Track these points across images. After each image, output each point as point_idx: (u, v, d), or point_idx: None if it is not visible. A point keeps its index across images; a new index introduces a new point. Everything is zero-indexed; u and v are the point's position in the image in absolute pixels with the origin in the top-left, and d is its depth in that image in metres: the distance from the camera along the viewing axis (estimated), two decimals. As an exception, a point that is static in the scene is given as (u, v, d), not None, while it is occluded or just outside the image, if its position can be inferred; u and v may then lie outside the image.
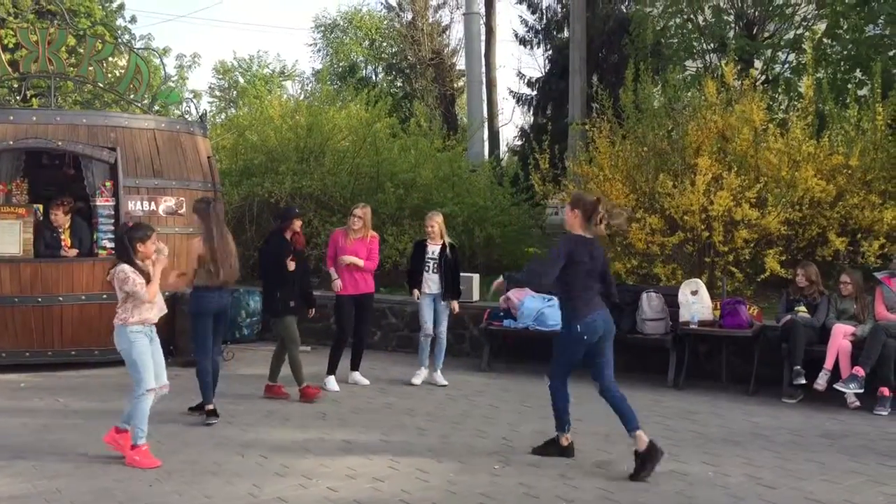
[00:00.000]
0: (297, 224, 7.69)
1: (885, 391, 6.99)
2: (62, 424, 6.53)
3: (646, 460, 5.20)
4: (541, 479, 5.22)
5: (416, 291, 8.16)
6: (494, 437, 6.24)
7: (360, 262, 7.89)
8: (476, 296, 9.96)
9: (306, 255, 9.54)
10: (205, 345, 6.71)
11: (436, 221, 8.10)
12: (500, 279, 6.19)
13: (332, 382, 7.91)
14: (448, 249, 8.10)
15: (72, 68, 10.86)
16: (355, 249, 7.95)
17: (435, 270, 8.07)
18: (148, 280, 5.60)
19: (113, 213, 8.92)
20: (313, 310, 8.13)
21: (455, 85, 26.56)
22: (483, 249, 12.65)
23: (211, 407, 6.67)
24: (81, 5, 20.31)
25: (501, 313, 8.95)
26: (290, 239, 7.63)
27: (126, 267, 5.60)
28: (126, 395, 5.86)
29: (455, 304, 8.22)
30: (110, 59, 11.36)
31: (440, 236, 8.10)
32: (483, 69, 21.55)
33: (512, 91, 23.27)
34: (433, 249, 8.11)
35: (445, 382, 8.12)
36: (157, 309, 5.74)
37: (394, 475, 5.32)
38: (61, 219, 8.79)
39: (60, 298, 8.57)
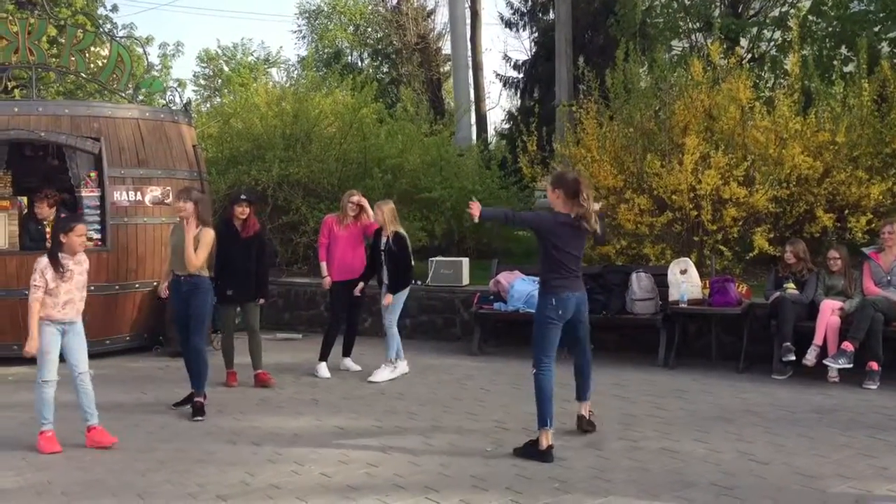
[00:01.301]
0: (238, 210, 7.44)
1: (874, 365, 7.03)
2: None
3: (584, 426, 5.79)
4: (533, 460, 5.22)
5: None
6: (486, 419, 6.24)
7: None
8: (466, 280, 9.95)
9: (276, 242, 9.40)
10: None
11: (380, 210, 7.65)
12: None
13: (323, 369, 7.89)
14: (391, 239, 7.62)
15: (53, 59, 10.74)
16: (349, 233, 7.89)
17: (384, 262, 7.72)
18: (61, 274, 5.49)
19: (98, 203, 8.85)
20: (263, 300, 7.77)
21: (441, 69, 26.46)
22: (472, 234, 12.64)
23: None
24: (62, -5, 20.05)
25: (492, 297, 8.94)
26: (237, 226, 7.46)
27: (42, 260, 5.52)
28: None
29: (386, 298, 7.68)
30: (93, 48, 11.24)
31: (388, 226, 7.62)
32: (469, 53, 21.47)
33: (498, 74, 23.29)
34: (383, 241, 7.71)
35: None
36: (70, 308, 5.58)
37: (386, 460, 5.32)
38: (46, 211, 8.71)
39: (47, 291, 8.49)
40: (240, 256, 7.44)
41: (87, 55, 10.12)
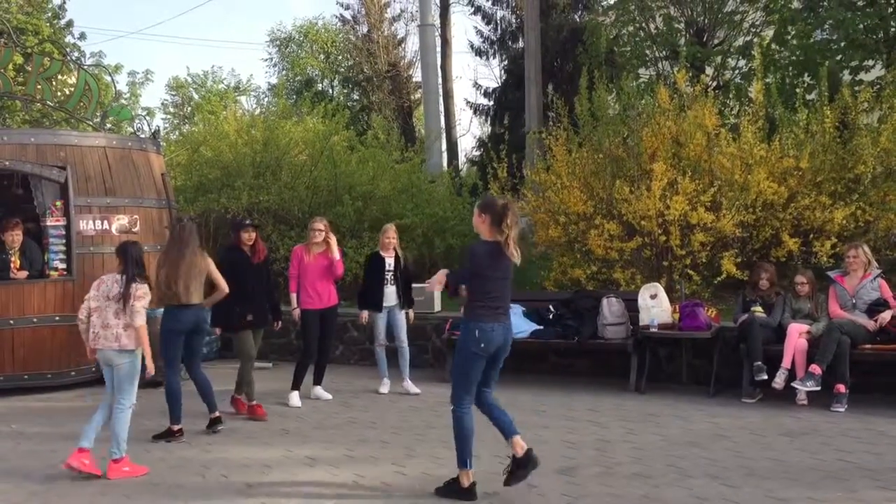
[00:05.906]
0: (245, 237, 7.56)
1: (841, 388, 7.11)
2: (16, 451, 6.34)
3: (520, 466, 4.99)
4: (505, 488, 5.18)
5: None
6: (459, 447, 6.19)
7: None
8: (438, 306, 9.94)
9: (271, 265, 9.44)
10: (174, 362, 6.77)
11: (394, 232, 8.30)
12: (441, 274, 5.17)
13: (295, 398, 7.81)
14: (405, 260, 8.32)
15: (19, 87, 10.63)
16: (319, 263, 7.86)
17: (399, 282, 8.22)
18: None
19: (64, 233, 8.74)
20: (279, 322, 8.07)
21: (412, 97, 26.59)
22: (443, 260, 12.63)
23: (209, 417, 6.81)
24: (28, 23, 19.95)
25: (463, 323, 8.92)
26: (247, 251, 7.55)
27: (144, 286, 5.72)
28: (78, 418, 5.71)
29: (410, 315, 8.49)
30: (60, 77, 11.13)
31: (399, 248, 8.27)
32: (439, 80, 21.62)
33: (469, 102, 23.40)
34: (395, 263, 8.25)
35: (418, 391, 8.17)
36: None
37: (359, 490, 5.26)
38: (18, 239, 8.57)
39: (11, 322, 8.36)
40: (254, 281, 7.50)
41: (53, 83, 10.03)
